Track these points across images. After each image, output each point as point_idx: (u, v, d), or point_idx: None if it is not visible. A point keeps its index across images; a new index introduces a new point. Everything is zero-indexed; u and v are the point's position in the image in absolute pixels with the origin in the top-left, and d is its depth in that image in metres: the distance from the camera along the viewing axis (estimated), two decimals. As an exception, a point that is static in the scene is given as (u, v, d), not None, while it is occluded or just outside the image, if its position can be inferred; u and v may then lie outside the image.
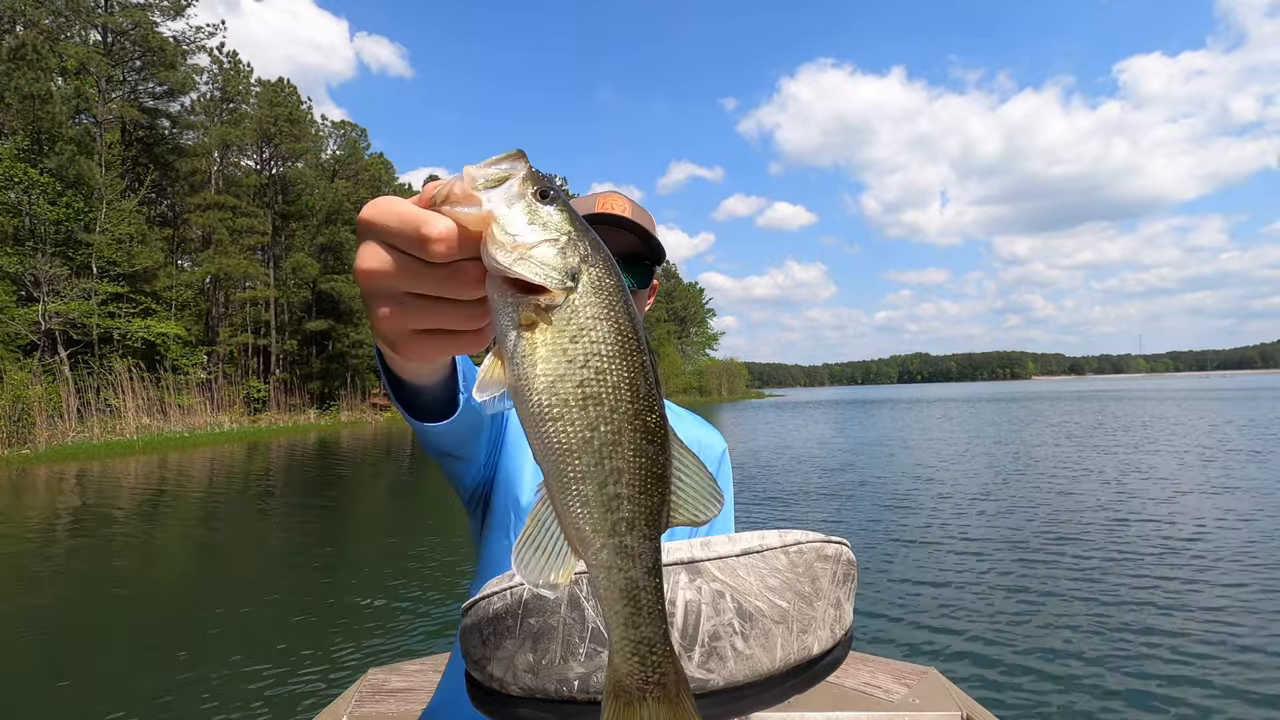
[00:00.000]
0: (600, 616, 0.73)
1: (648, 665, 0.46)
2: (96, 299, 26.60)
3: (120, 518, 10.40)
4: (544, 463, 0.43)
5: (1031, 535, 7.69)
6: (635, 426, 0.43)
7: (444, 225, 0.41)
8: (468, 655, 0.84)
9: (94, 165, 27.51)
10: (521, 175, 0.43)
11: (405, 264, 0.43)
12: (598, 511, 0.43)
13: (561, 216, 0.44)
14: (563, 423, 0.42)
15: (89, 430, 23.37)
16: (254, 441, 26.06)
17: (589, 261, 0.44)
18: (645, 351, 0.44)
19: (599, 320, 0.43)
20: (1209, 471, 11.91)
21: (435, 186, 0.44)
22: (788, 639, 0.86)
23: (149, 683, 4.25)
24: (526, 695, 0.80)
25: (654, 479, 0.44)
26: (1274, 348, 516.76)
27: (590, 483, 0.43)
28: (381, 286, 0.44)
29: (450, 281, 0.43)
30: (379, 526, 9.76)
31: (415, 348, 0.47)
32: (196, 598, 6.21)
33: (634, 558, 0.44)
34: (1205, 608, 5.17)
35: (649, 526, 0.44)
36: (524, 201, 0.43)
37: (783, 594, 0.86)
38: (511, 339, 0.43)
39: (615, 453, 0.42)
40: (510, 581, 0.85)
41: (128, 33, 31.27)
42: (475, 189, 0.42)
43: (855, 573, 0.98)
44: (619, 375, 0.43)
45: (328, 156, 43.23)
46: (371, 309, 0.45)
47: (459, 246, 0.41)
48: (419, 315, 0.45)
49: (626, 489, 0.43)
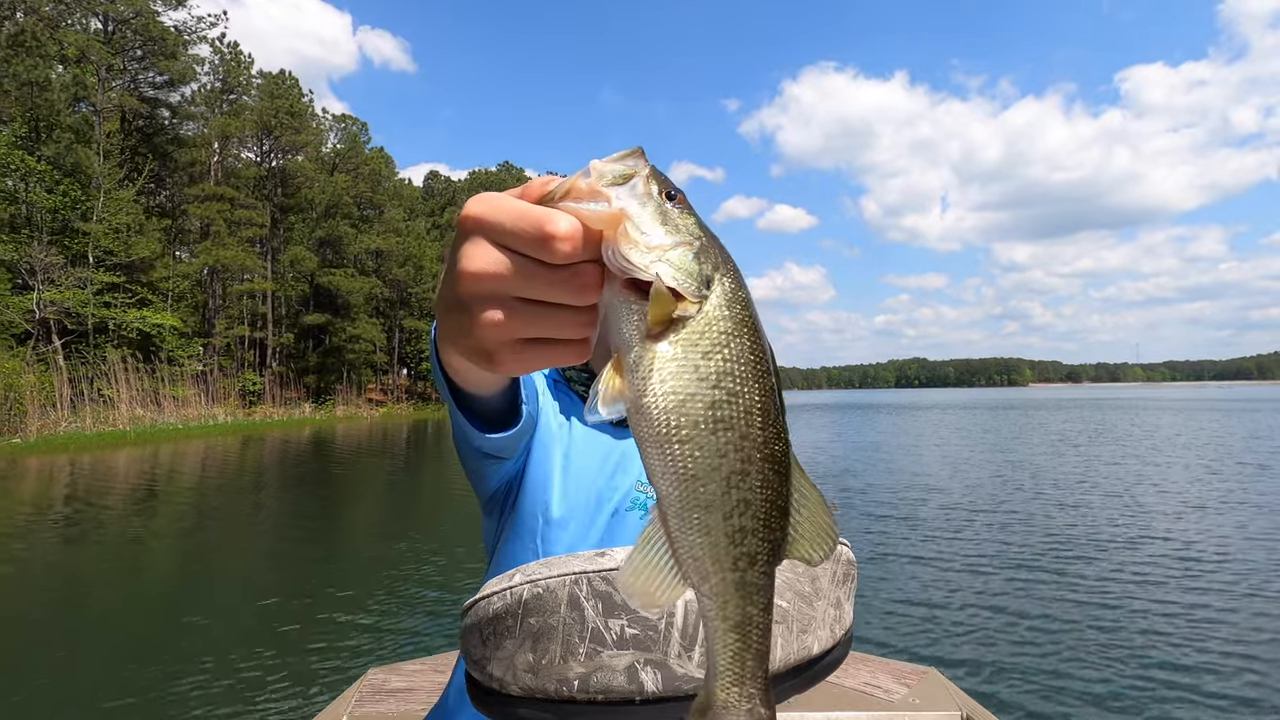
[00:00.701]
0: (599, 618, 0.77)
1: (744, 695, 0.45)
2: (92, 288, 26.45)
3: (111, 511, 10.24)
4: (663, 486, 0.41)
5: (1032, 536, 7.64)
6: (765, 455, 0.41)
7: (569, 223, 0.38)
8: (467, 655, 0.85)
9: (92, 154, 27.39)
10: (646, 174, 0.41)
11: (521, 265, 0.39)
12: (721, 542, 0.41)
13: (693, 220, 0.42)
14: (690, 445, 0.40)
15: (81, 420, 23.22)
16: (248, 435, 25.93)
17: (722, 271, 0.41)
18: (774, 374, 0.42)
19: (733, 336, 0.40)
20: (1209, 479, 11.86)
21: (548, 182, 0.41)
22: (788, 639, 0.85)
23: (145, 682, 4.16)
24: (526, 695, 0.80)
25: (779, 512, 0.42)
26: (1271, 359, 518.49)
27: (715, 513, 0.40)
28: (490, 290, 0.40)
29: (569, 284, 0.39)
30: (376, 524, 9.62)
31: (517, 358, 0.42)
32: (192, 595, 6.09)
33: (752, 593, 0.42)
34: (1205, 608, 5.13)
35: (769, 563, 0.42)
36: (655, 202, 0.41)
37: (782, 594, 0.86)
38: (637, 350, 0.40)
39: (744, 482, 0.40)
40: (510, 581, 0.84)
41: (129, 21, 31.15)
42: (601, 186, 0.40)
43: (855, 573, 0.98)
44: (751, 398, 0.40)
45: (328, 150, 43.11)
46: (473, 316, 0.41)
47: (585, 247, 0.38)
48: (527, 322, 0.41)
49: (752, 522, 0.41)
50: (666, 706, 0.80)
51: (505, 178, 55.98)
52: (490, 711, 0.83)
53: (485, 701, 0.84)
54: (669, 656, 0.80)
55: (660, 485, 0.41)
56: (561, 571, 0.83)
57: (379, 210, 44.44)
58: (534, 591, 0.82)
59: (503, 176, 56.02)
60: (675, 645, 0.80)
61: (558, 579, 0.83)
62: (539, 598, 0.82)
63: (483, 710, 0.84)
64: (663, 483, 0.41)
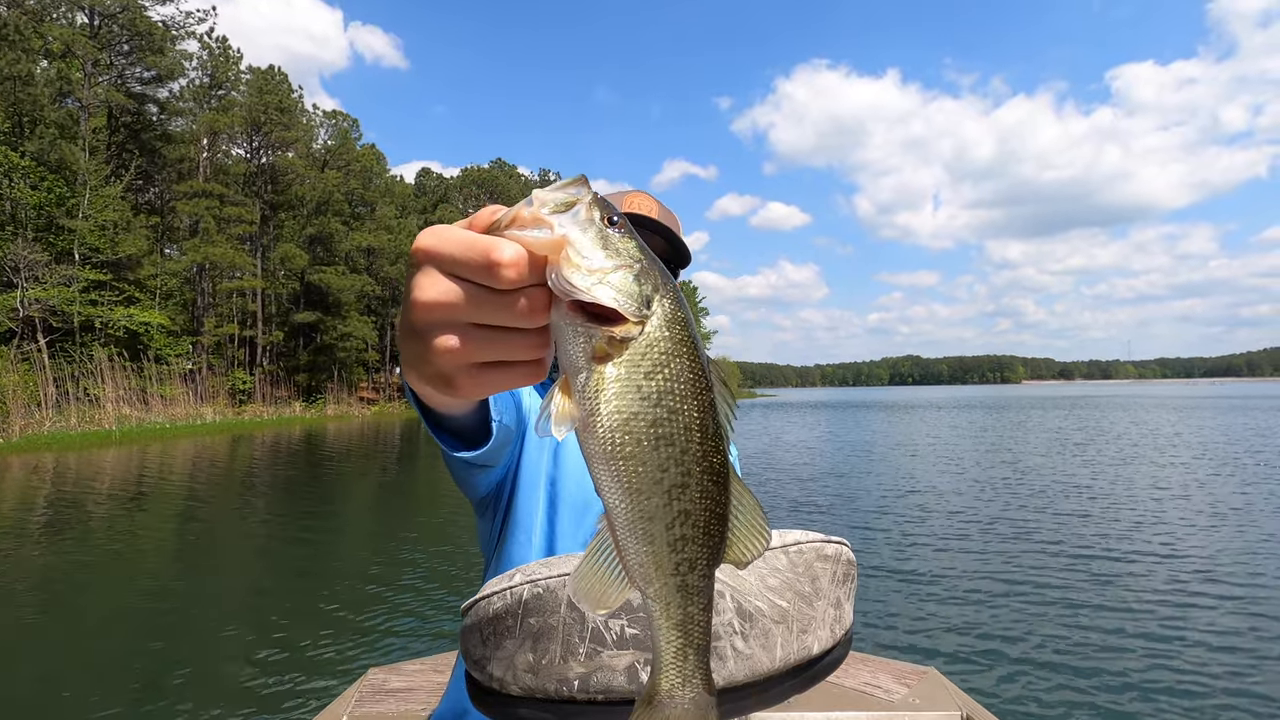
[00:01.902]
0: (600, 618, 0.79)
1: (688, 685, 0.48)
2: (78, 286, 26.10)
3: (95, 511, 10.10)
4: (609, 498, 0.43)
5: (1031, 536, 7.66)
6: (704, 468, 0.43)
7: (514, 250, 0.39)
8: (468, 655, 0.85)
9: (77, 150, 27.00)
10: (589, 200, 0.42)
11: (471, 292, 0.41)
12: (663, 550, 0.43)
13: (633, 244, 0.43)
14: (634, 461, 0.42)
15: (66, 420, 22.92)
16: (237, 434, 25.67)
17: (662, 292, 0.43)
18: (712, 389, 0.44)
19: (673, 356, 0.42)
20: (1208, 480, 11.94)
21: (495, 212, 0.42)
22: (788, 639, 0.86)
23: (144, 683, 4.13)
24: (526, 695, 0.81)
25: (717, 519, 0.44)
26: (1261, 356, 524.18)
27: (658, 523, 0.43)
28: (442, 318, 0.42)
29: (518, 308, 0.41)
30: (372, 523, 9.56)
31: (474, 382, 0.44)
32: (189, 596, 6.01)
33: (692, 595, 0.45)
34: (1204, 608, 5.15)
35: (709, 565, 0.45)
36: (596, 227, 0.42)
37: (782, 594, 0.86)
38: (583, 372, 0.41)
39: (684, 495, 0.43)
40: (510, 581, 0.84)
41: (116, 16, 30.71)
42: (543, 213, 0.41)
43: (855, 572, 0.98)
44: (690, 415, 0.42)
45: (319, 146, 42.74)
46: (428, 344, 0.43)
47: (530, 272, 0.40)
48: (481, 346, 0.42)
49: (692, 530, 0.43)
50: None
51: (498, 175, 55.69)
52: (490, 711, 0.83)
53: (485, 701, 0.84)
54: None
55: (607, 498, 0.43)
56: (561, 571, 0.84)
57: (370, 207, 44.11)
58: (534, 591, 0.82)
59: (495, 174, 55.72)
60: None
61: (557, 579, 0.83)
62: (539, 598, 0.82)
63: (483, 710, 0.85)
64: (610, 496, 0.43)
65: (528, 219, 0.41)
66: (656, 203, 1.33)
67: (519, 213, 0.41)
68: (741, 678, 0.83)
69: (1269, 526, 7.86)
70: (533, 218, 0.41)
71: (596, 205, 0.43)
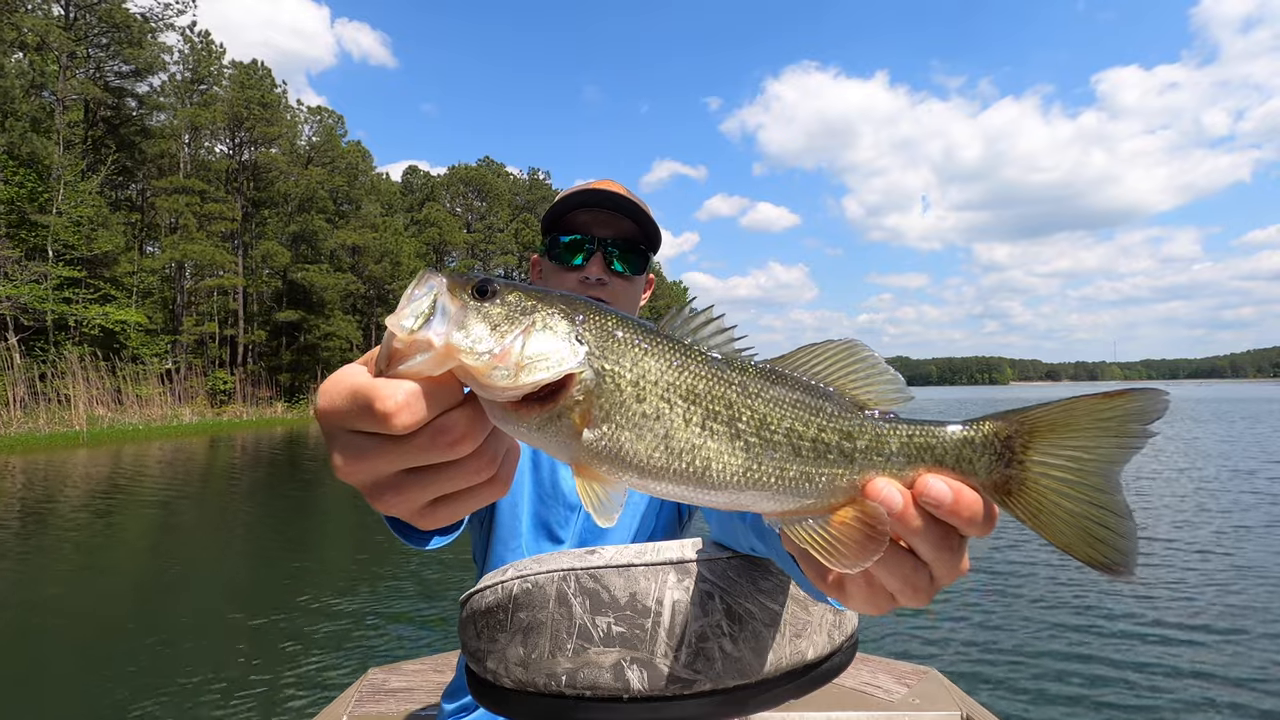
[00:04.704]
0: (586, 615, 0.81)
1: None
2: (51, 283, 25.45)
3: (90, 512, 9.85)
4: (746, 504, 0.42)
5: (1030, 537, 7.69)
6: (767, 397, 0.42)
7: (400, 391, 0.36)
8: (465, 648, 0.87)
9: (50, 144, 26.34)
10: (445, 288, 0.38)
11: (381, 447, 0.37)
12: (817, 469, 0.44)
13: (515, 297, 0.40)
14: (712, 455, 0.40)
15: (34, 420, 22.30)
16: (215, 435, 25.17)
17: (574, 319, 0.40)
18: (691, 345, 0.43)
19: (638, 361, 0.39)
20: (1208, 480, 12.00)
21: (372, 356, 0.39)
22: (780, 643, 0.85)
23: (143, 683, 4.11)
24: (518, 689, 0.82)
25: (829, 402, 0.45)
26: (1244, 358, 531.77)
27: (799, 464, 0.42)
28: (366, 478, 0.39)
29: (436, 447, 0.37)
30: (369, 523, 9.45)
31: (431, 519, 0.42)
32: (189, 597, 5.95)
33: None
34: (1203, 608, 5.18)
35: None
36: (470, 310, 0.38)
37: (775, 596, 0.86)
38: (585, 452, 0.38)
39: (778, 426, 0.42)
40: (503, 576, 0.85)
41: (92, 7, 30.06)
42: (415, 333, 0.37)
43: None
44: (698, 371, 0.41)
45: (303, 143, 42.14)
46: (371, 500, 0.41)
47: (429, 405, 0.36)
48: (422, 490, 0.39)
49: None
50: (655, 705, 0.80)
51: (486, 173, 55.29)
52: (487, 703, 0.85)
53: (481, 692, 0.85)
54: (655, 656, 0.81)
55: (745, 506, 0.41)
56: (551, 567, 0.84)
57: (355, 205, 43.56)
58: (524, 586, 0.83)
59: (483, 172, 55.32)
60: (662, 645, 0.81)
61: (547, 575, 0.83)
62: (528, 593, 0.83)
63: (480, 701, 0.86)
64: (739, 501, 0.41)
65: (403, 349, 0.37)
66: (624, 188, 1.32)
67: (392, 347, 0.37)
68: (731, 680, 0.82)
69: (1266, 526, 7.95)
70: (409, 343, 0.37)
71: (455, 287, 0.39)
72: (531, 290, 0.40)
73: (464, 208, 54.90)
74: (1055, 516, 0.44)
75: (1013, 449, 0.44)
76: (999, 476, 0.44)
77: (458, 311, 0.38)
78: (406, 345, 0.37)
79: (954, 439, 0.44)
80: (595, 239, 1.23)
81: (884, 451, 0.44)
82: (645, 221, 1.25)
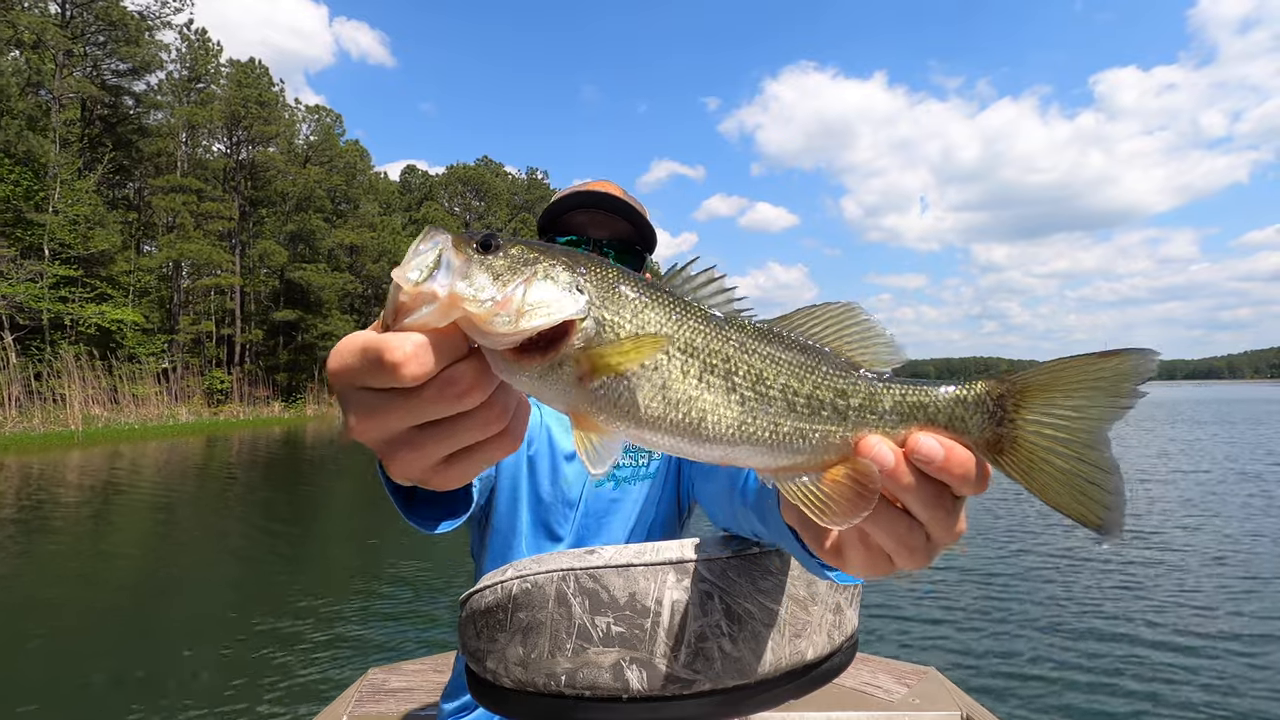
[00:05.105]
0: (586, 615, 0.80)
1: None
2: (47, 282, 25.33)
3: (85, 512, 9.80)
4: (740, 458, 0.43)
5: (1029, 537, 7.69)
6: (767, 352, 0.43)
7: (409, 344, 0.36)
8: (464, 647, 0.88)
9: (46, 142, 26.22)
10: (449, 243, 0.39)
11: (392, 402, 0.38)
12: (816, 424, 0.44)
13: (518, 250, 0.41)
14: (708, 407, 0.41)
15: (29, 420, 22.18)
16: (211, 435, 25.06)
17: (576, 269, 0.40)
18: (688, 300, 0.44)
19: (639, 312, 0.40)
20: (1206, 480, 12.03)
21: (379, 324, 0.40)
22: (779, 643, 0.85)
23: (143, 684, 4.12)
24: (518, 688, 0.82)
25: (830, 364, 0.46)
26: (1241, 359, 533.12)
27: (794, 419, 0.43)
28: (379, 435, 0.40)
29: (446, 398, 0.38)
30: (368, 524, 9.42)
31: (444, 478, 0.42)
32: (186, 598, 5.95)
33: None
34: (1202, 609, 5.18)
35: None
36: (474, 262, 0.39)
37: (775, 597, 0.85)
38: (583, 400, 0.38)
39: (775, 380, 0.43)
40: (502, 575, 0.85)
41: (89, 4, 29.93)
42: (420, 286, 0.38)
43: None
44: (696, 324, 0.42)
45: (300, 142, 42.01)
46: (385, 459, 0.41)
47: (436, 356, 0.37)
48: (437, 443, 0.40)
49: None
50: (654, 705, 0.80)
51: (484, 173, 55.19)
52: (487, 703, 0.85)
53: (481, 692, 0.85)
54: (654, 656, 0.81)
55: (740, 460, 0.42)
56: (551, 567, 0.83)
57: (353, 204, 43.44)
58: (523, 586, 0.83)
59: (481, 171, 55.21)
60: (661, 645, 0.81)
61: (546, 575, 0.83)
62: (528, 593, 0.83)
63: (479, 701, 0.86)
64: (732, 455, 0.42)
65: (410, 302, 0.38)
66: (620, 189, 1.33)
67: (398, 301, 0.38)
68: (730, 680, 0.82)
69: (1273, 529, 7.94)
70: (415, 295, 0.37)
71: (459, 242, 0.40)
72: (535, 244, 0.41)
73: (462, 207, 54.81)
74: (1046, 474, 0.44)
75: (1005, 408, 0.45)
76: (991, 435, 0.45)
77: (462, 264, 0.38)
78: (412, 298, 0.37)
79: (947, 398, 0.45)
80: (591, 240, 1.26)
81: (877, 410, 0.44)
82: (641, 223, 1.27)
